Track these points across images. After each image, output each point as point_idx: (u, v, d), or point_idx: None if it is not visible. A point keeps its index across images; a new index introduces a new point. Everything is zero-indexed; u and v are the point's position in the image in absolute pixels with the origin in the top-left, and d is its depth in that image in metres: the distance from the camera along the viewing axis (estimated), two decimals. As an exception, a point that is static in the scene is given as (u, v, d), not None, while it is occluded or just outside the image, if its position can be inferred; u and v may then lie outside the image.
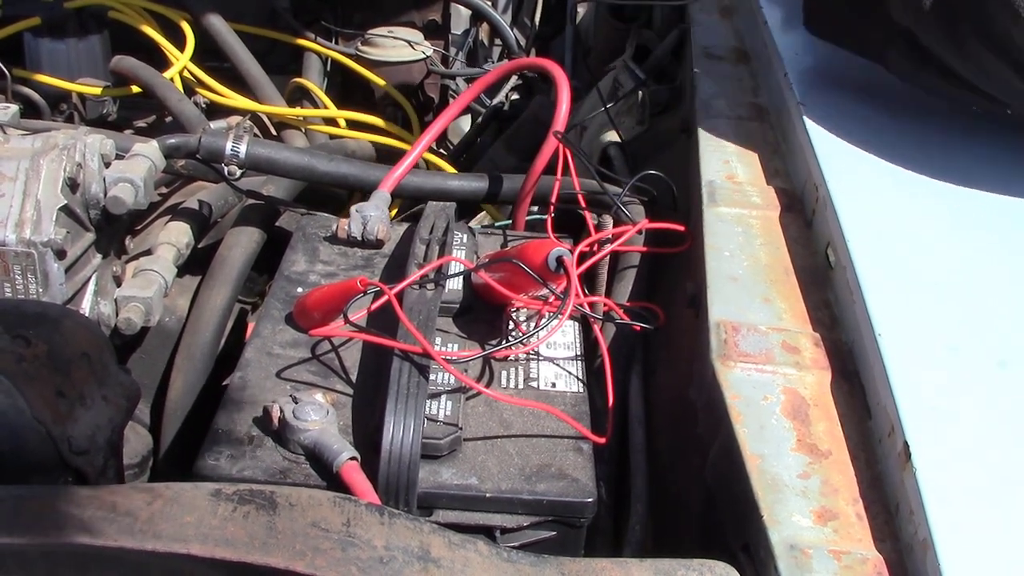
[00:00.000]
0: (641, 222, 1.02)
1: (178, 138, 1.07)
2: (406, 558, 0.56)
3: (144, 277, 1.02)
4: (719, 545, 0.68)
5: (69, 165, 0.93)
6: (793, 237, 0.90)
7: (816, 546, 0.60)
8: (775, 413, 0.69)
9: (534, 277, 0.80)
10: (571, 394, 0.82)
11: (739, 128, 1.06)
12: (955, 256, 0.83)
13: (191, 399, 1.01)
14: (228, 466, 0.72)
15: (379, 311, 0.82)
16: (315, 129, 1.56)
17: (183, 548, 0.54)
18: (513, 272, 0.82)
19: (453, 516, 0.72)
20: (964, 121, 1.01)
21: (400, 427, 0.71)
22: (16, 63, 1.49)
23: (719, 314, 0.78)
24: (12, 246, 0.89)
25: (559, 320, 0.79)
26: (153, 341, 1.08)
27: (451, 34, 1.85)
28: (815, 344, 0.76)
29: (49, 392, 0.65)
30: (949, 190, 0.92)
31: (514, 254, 0.84)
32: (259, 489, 0.58)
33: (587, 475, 0.74)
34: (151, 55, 1.48)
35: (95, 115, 1.52)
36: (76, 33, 1.52)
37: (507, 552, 0.60)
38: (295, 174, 1.11)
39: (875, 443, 0.68)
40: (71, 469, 0.65)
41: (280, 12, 1.74)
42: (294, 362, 0.83)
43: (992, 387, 0.70)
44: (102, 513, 0.55)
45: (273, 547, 0.55)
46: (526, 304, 0.86)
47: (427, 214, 0.98)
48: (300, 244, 1.00)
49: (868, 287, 0.76)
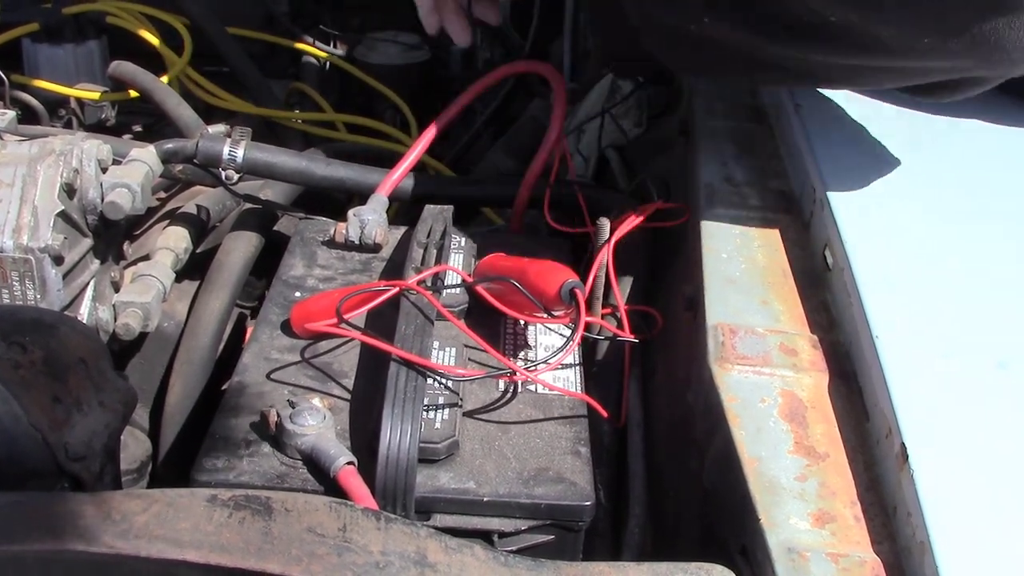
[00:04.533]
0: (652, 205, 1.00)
1: (175, 143, 1.07)
2: (402, 563, 0.56)
3: (142, 282, 1.02)
4: (717, 548, 0.68)
5: (66, 171, 0.93)
6: (791, 239, 0.90)
7: (814, 549, 0.60)
8: (772, 415, 0.69)
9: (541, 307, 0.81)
10: (569, 398, 0.82)
11: (737, 130, 1.06)
12: (953, 258, 0.83)
13: (190, 404, 1.01)
14: (225, 471, 0.72)
15: (377, 315, 0.82)
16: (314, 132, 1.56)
17: (178, 554, 0.54)
18: (518, 292, 0.82)
19: (450, 520, 0.72)
20: (964, 123, 1.01)
21: (397, 431, 0.71)
22: (14, 69, 1.49)
23: (717, 316, 0.77)
24: (9, 252, 0.89)
25: (564, 353, 0.79)
26: (152, 346, 1.08)
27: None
28: (813, 346, 0.76)
29: (46, 398, 0.65)
30: (947, 192, 0.92)
31: (518, 272, 0.84)
32: (255, 495, 0.58)
33: (585, 478, 0.74)
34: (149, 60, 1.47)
35: (93, 120, 1.52)
36: (74, 38, 1.52)
37: (504, 557, 0.59)
38: (292, 178, 1.11)
39: (873, 445, 0.68)
40: (68, 475, 0.65)
41: (278, 16, 1.74)
42: (291, 366, 0.83)
43: (990, 389, 0.70)
44: (98, 519, 0.55)
45: (269, 553, 0.54)
46: (528, 320, 0.87)
47: (424, 217, 0.98)
48: (298, 248, 1.00)
49: (865, 289, 0.76)
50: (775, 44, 0.77)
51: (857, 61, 0.77)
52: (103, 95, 1.50)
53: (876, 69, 0.79)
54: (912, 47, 0.72)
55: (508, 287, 0.83)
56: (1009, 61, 0.72)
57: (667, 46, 0.89)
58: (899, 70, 0.79)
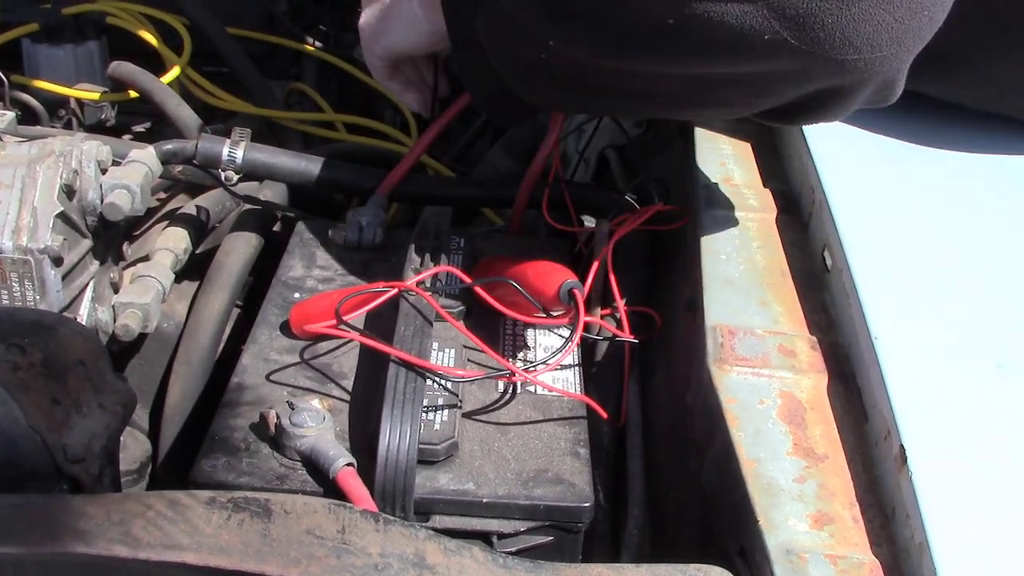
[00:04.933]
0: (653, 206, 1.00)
1: (175, 144, 1.07)
2: (401, 565, 0.56)
3: (142, 283, 1.02)
4: (716, 549, 0.68)
5: (66, 172, 0.93)
6: (790, 240, 0.90)
7: (812, 550, 0.60)
8: (771, 417, 0.69)
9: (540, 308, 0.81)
10: (568, 399, 0.82)
11: (736, 130, 1.06)
12: (952, 259, 0.83)
13: (190, 404, 1.01)
14: (225, 473, 0.72)
15: (376, 316, 0.82)
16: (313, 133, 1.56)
17: (177, 557, 0.54)
18: (517, 292, 0.82)
19: (449, 521, 0.72)
20: (963, 124, 1.01)
21: (396, 433, 0.71)
22: (14, 69, 1.49)
23: (715, 318, 0.78)
24: (9, 253, 0.89)
25: (562, 353, 0.79)
26: (151, 347, 1.08)
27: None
28: (812, 347, 0.76)
29: (45, 400, 0.65)
30: (947, 193, 0.92)
31: (517, 273, 0.84)
32: (254, 497, 0.58)
33: (584, 480, 0.74)
34: (149, 60, 1.47)
35: (93, 120, 1.51)
36: (74, 39, 1.52)
37: (503, 559, 0.59)
38: (292, 179, 1.11)
39: (871, 446, 0.68)
40: (67, 477, 0.65)
41: (277, 16, 1.74)
42: (291, 368, 0.83)
43: (989, 389, 0.70)
44: (96, 521, 0.55)
45: (268, 555, 0.55)
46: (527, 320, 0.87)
47: (424, 218, 0.98)
48: (297, 249, 1.00)
49: (864, 290, 0.76)
50: (622, 59, 0.72)
51: (700, 69, 0.72)
52: (103, 95, 1.50)
53: (724, 80, 0.74)
54: (751, 45, 0.67)
55: (507, 288, 0.83)
56: (853, 49, 0.67)
57: (525, 81, 0.85)
58: (746, 82, 0.73)
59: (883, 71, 0.71)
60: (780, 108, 0.77)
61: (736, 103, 0.79)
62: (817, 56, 0.67)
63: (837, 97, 0.74)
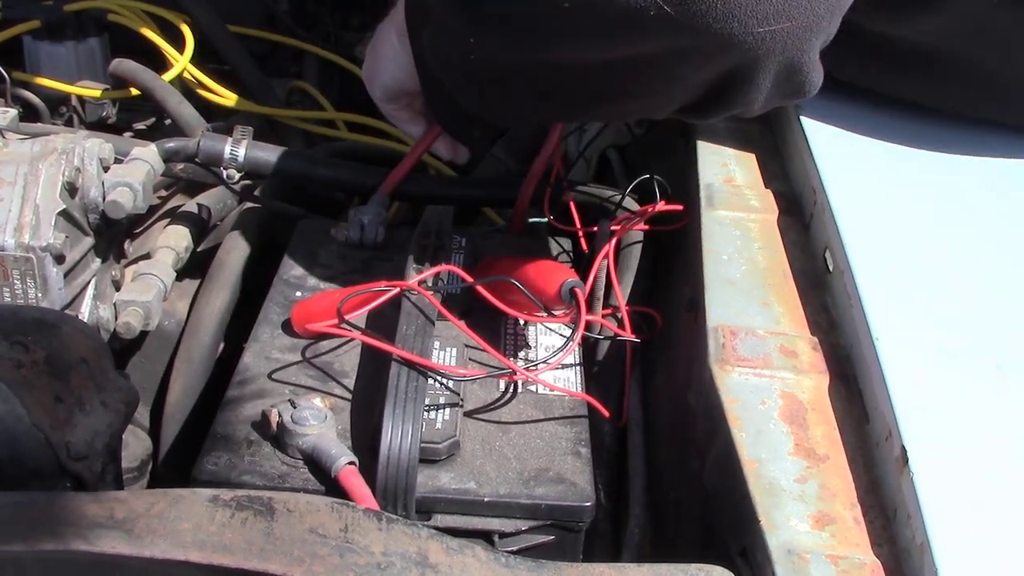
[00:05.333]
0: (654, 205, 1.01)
1: (177, 142, 1.07)
2: (404, 564, 0.56)
3: (143, 281, 1.02)
4: (717, 549, 0.68)
5: (68, 169, 0.93)
6: (791, 241, 0.90)
7: (813, 551, 0.60)
8: (773, 417, 0.70)
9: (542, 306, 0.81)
10: (569, 399, 0.82)
11: (737, 131, 1.06)
12: (953, 260, 0.83)
13: (191, 402, 1.01)
14: (226, 471, 0.72)
15: (377, 315, 0.83)
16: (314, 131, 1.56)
17: (181, 555, 0.54)
18: (518, 292, 0.82)
19: (451, 520, 0.72)
20: (965, 125, 1.01)
21: (398, 432, 0.71)
22: (16, 66, 1.49)
23: (717, 318, 0.78)
24: (11, 251, 0.89)
25: (564, 352, 0.79)
26: (152, 345, 1.08)
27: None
28: (813, 348, 0.76)
29: (48, 398, 0.65)
30: (948, 194, 0.92)
31: (519, 272, 0.84)
32: (257, 495, 0.58)
33: (585, 479, 0.74)
34: (151, 58, 1.47)
35: (95, 118, 1.51)
36: (75, 36, 1.52)
37: (505, 558, 0.60)
38: (294, 177, 1.11)
39: (873, 447, 0.68)
40: (70, 475, 0.65)
41: (279, 15, 1.74)
42: (292, 366, 0.83)
43: (990, 390, 0.70)
44: (99, 520, 0.55)
45: (271, 553, 0.55)
46: (528, 319, 0.87)
47: (425, 218, 0.98)
48: (299, 248, 1.00)
49: (866, 291, 0.76)
50: (534, 50, 0.74)
51: (605, 53, 0.73)
52: (104, 93, 1.50)
53: (631, 64, 0.74)
54: (641, 22, 0.68)
55: (509, 287, 0.83)
56: (736, 21, 0.67)
57: (465, 91, 0.85)
58: (650, 64, 0.74)
59: (778, 49, 0.71)
60: (693, 103, 0.80)
61: (655, 90, 0.80)
62: (702, 31, 0.68)
63: (737, 81, 0.75)
